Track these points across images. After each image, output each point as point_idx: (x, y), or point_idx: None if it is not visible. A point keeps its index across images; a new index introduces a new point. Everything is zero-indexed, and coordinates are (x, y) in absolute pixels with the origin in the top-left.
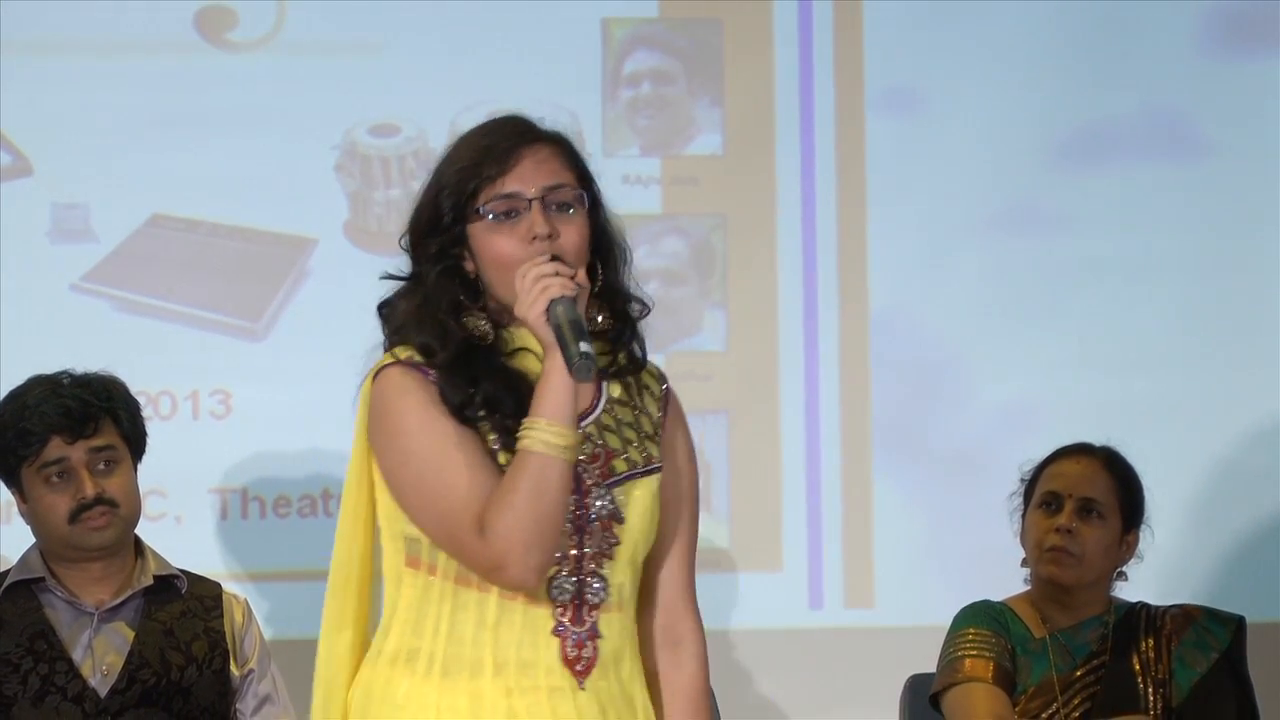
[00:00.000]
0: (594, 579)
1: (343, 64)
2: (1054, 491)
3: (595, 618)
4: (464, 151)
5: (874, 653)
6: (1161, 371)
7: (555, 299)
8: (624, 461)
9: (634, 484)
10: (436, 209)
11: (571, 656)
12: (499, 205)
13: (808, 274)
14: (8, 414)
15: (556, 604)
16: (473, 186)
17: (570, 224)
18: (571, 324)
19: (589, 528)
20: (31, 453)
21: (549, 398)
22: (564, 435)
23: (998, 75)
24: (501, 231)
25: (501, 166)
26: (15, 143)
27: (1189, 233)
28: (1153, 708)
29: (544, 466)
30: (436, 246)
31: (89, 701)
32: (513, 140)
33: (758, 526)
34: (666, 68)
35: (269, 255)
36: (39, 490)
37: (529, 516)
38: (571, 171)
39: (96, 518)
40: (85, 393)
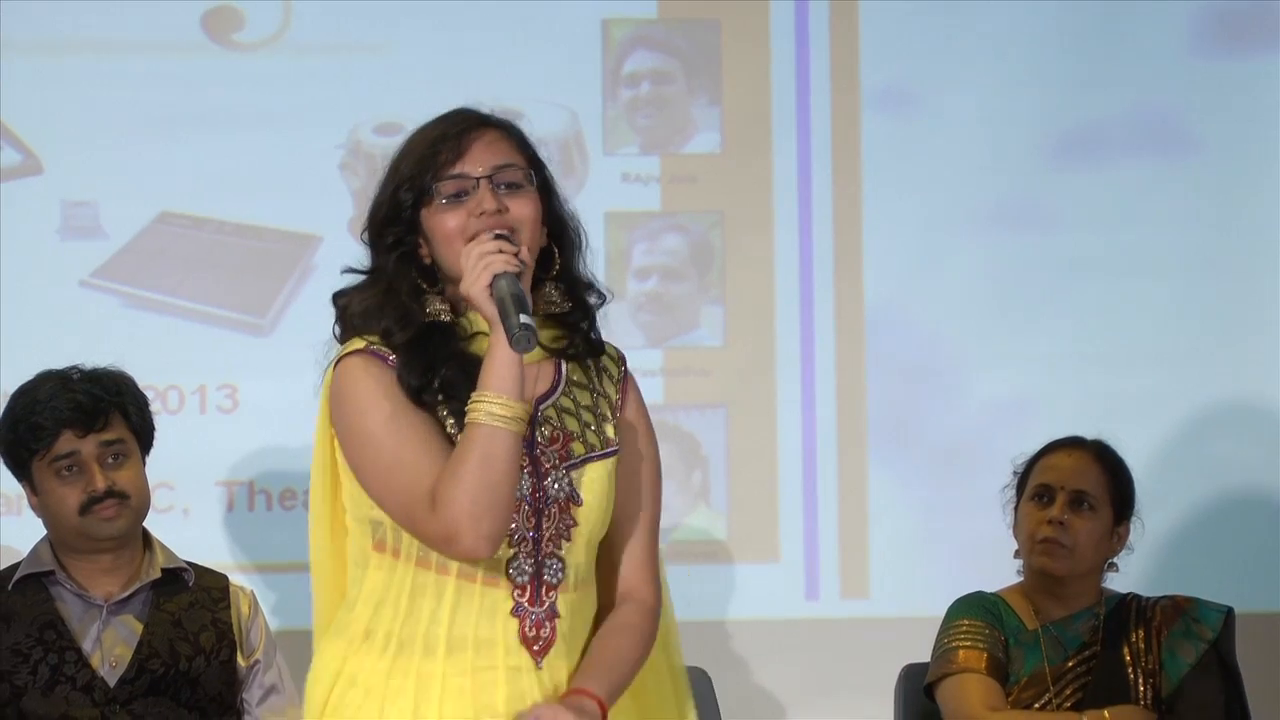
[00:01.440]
0: (552, 559)
1: (347, 64)
2: (1046, 484)
3: (553, 598)
4: (417, 144)
5: (869, 643)
6: (1153, 366)
7: (498, 274)
8: (581, 444)
9: (591, 466)
10: (394, 200)
11: (530, 636)
12: (449, 186)
13: (804, 270)
14: (19, 408)
15: (515, 585)
16: (427, 174)
17: (520, 199)
18: (513, 297)
19: (547, 509)
20: (43, 446)
21: (494, 371)
22: (509, 406)
23: (992, 74)
24: (451, 210)
25: (453, 153)
26: (26, 141)
27: (1181, 229)
28: (1143, 698)
29: (490, 437)
30: (393, 236)
31: (98, 691)
32: (462, 127)
33: (755, 518)
34: (665, 67)
35: (275, 252)
36: (50, 483)
37: (477, 487)
38: (521, 155)
39: (107, 509)
40: (95, 387)
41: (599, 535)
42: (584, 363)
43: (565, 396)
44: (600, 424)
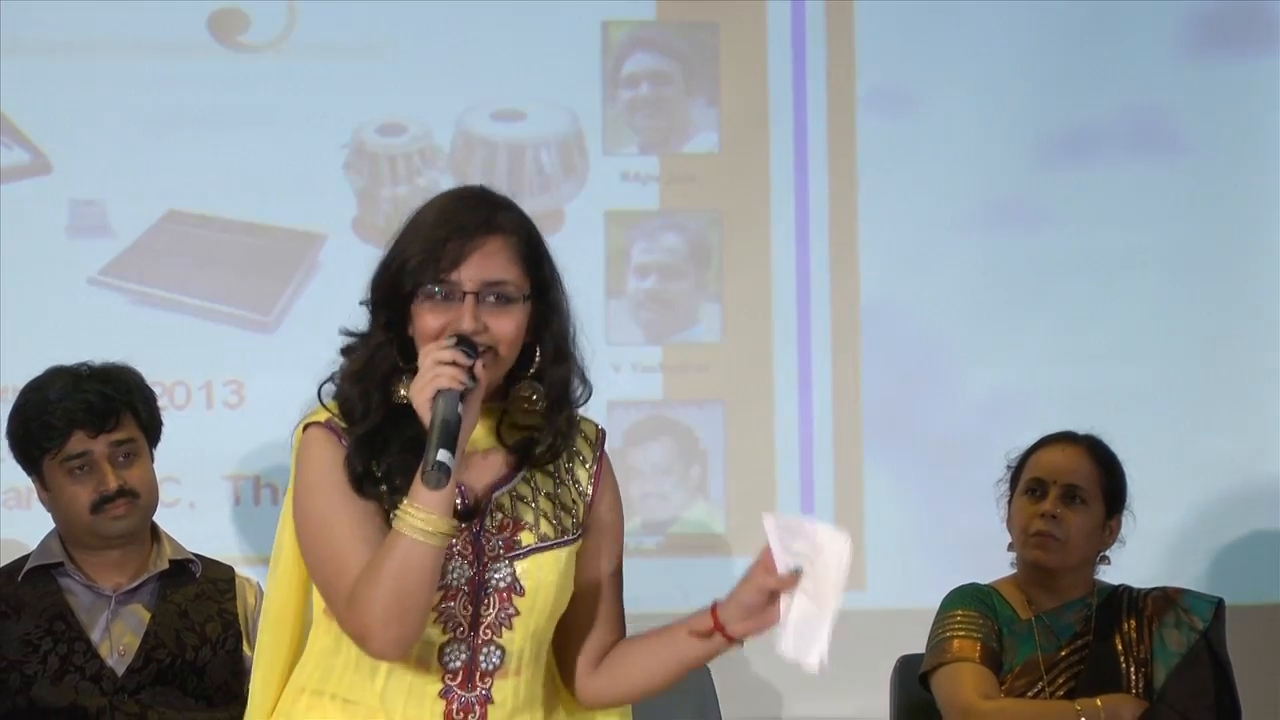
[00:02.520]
0: (490, 646)
1: (351, 66)
2: (1039, 478)
3: (489, 684)
4: (427, 234)
5: (865, 634)
6: (1144, 361)
7: (441, 389)
8: (533, 534)
9: (539, 556)
10: (395, 282)
11: (457, 718)
12: (439, 288)
13: (800, 267)
14: (30, 407)
15: (447, 670)
16: (426, 272)
17: (505, 317)
18: (442, 424)
19: (486, 598)
20: (54, 445)
21: (422, 486)
22: (432, 522)
23: (985, 75)
24: (435, 311)
25: (453, 261)
26: (35, 141)
27: (1170, 227)
28: (1134, 687)
29: (410, 548)
30: (385, 317)
31: (106, 680)
32: (469, 234)
33: (752, 511)
34: (664, 68)
35: (280, 250)
36: (61, 480)
37: (391, 594)
38: (519, 265)
39: (118, 508)
40: (106, 387)
41: (548, 623)
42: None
43: (524, 484)
44: (559, 513)
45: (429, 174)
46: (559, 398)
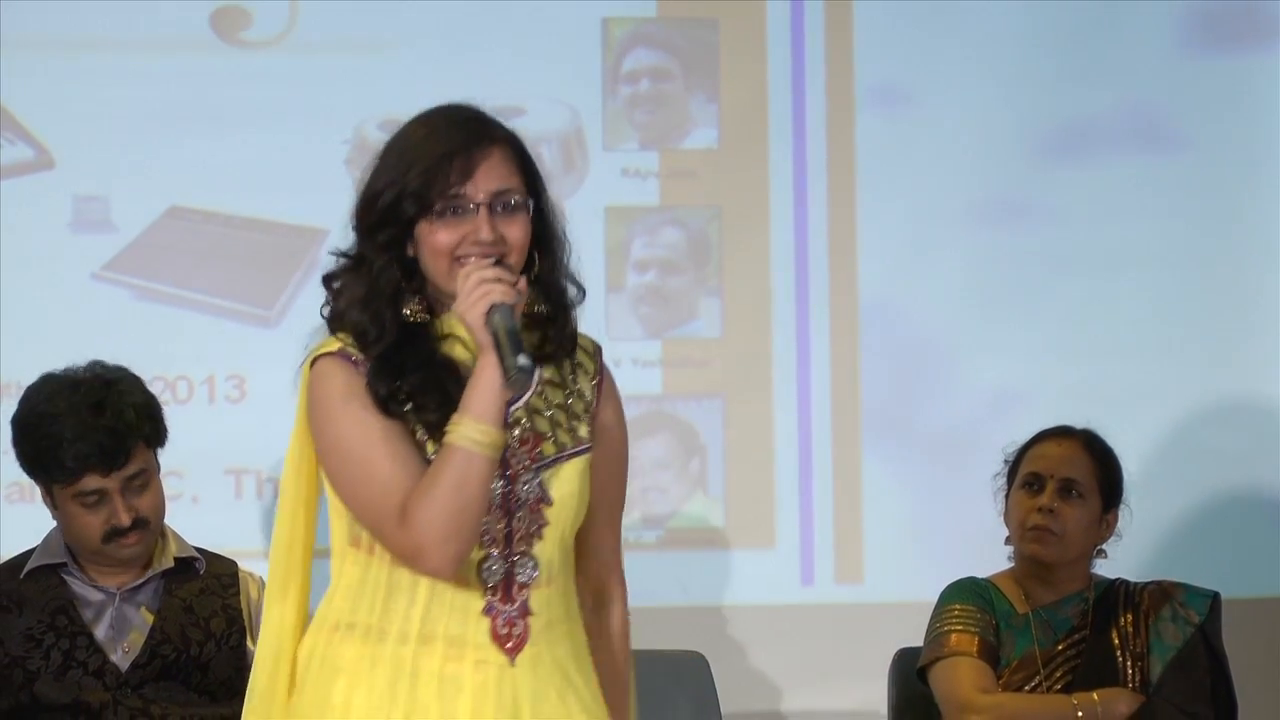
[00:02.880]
0: (524, 558)
1: (352, 62)
2: (1036, 472)
3: (526, 595)
4: (424, 152)
5: (863, 627)
6: (1140, 357)
7: (495, 304)
8: (553, 444)
9: (562, 466)
10: (396, 205)
11: (502, 634)
12: (447, 203)
13: (799, 263)
14: (40, 438)
15: (487, 585)
16: (432, 190)
17: (513, 223)
18: (509, 333)
19: (518, 510)
20: (66, 481)
21: (478, 397)
22: (488, 434)
23: (983, 73)
24: (446, 226)
25: (459, 174)
26: (38, 137)
27: (1166, 224)
28: (1131, 680)
29: (467, 462)
30: (385, 237)
31: (110, 675)
32: (471, 146)
33: (752, 505)
34: (664, 65)
35: (282, 245)
36: (72, 509)
37: (449, 509)
38: (519, 174)
39: (129, 539)
40: (118, 423)
41: (572, 531)
42: (558, 362)
43: (538, 397)
44: (572, 422)
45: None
46: (559, 300)
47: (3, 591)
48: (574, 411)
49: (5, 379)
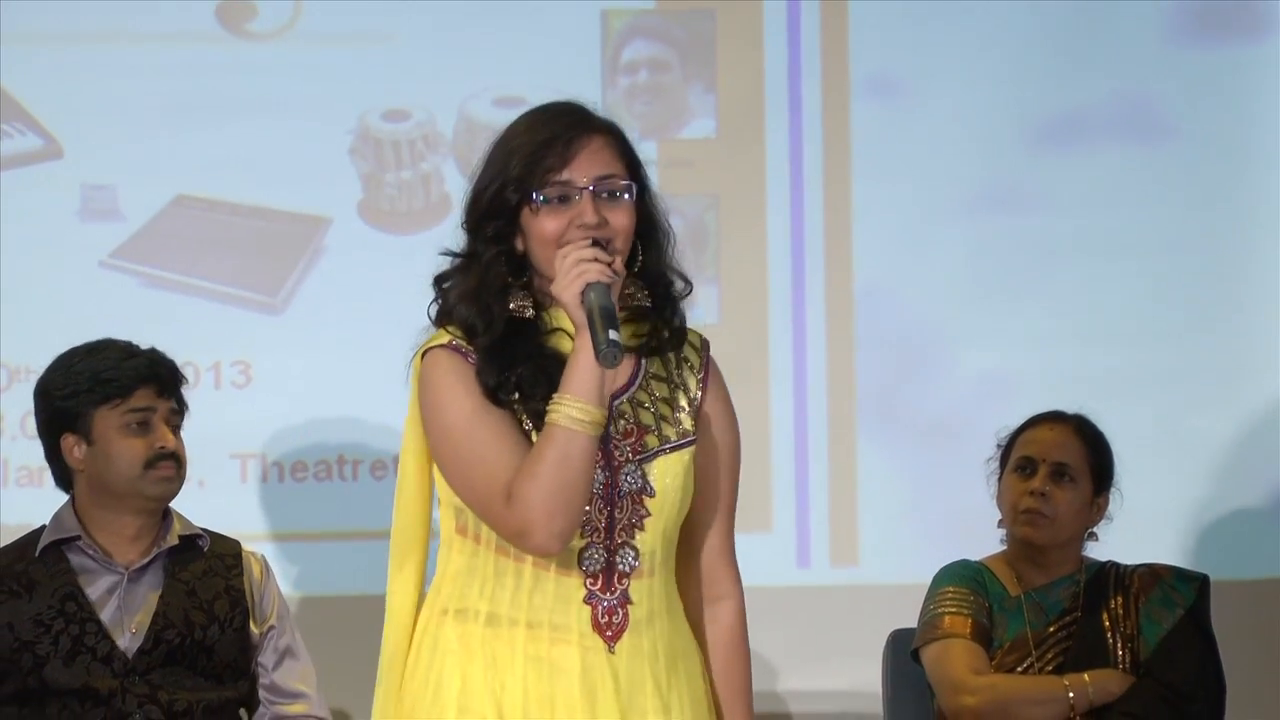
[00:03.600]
0: (626, 549)
1: (356, 53)
2: (1028, 456)
3: (626, 585)
4: (525, 140)
5: (858, 609)
6: (1132, 343)
7: (591, 283)
8: (656, 437)
9: (665, 458)
10: (500, 197)
11: (603, 623)
12: (553, 191)
13: (795, 251)
14: (81, 364)
15: (587, 574)
16: (533, 178)
17: (617, 210)
18: (603, 310)
19: (620, 501)
20: (116, 397)
21: (576, 376)
22: (588, 411)
23: (976, 63)
24: (552, 214)
25: (560, 159)
26: (47, 127)
27: (1157, 211)
28: (1121, 661)
29: (569, 440)
30: (493, 229)
31: (117, 661)
32: (572, 132)
33: (748, 489)
34: (662, 56)
35: (287, 233)
36: (113, 434)
37: (553, 486)
38: (622, 162)
39: (167, 469)
40: (163, 357)
41: (675, 524)
42: (662, 355)
43: (642, 390)
44: (677, 416)
45: (432, 159)
46: (665, 291)
47: (12, 574)
48: (678, 404)
49: (15, 364)
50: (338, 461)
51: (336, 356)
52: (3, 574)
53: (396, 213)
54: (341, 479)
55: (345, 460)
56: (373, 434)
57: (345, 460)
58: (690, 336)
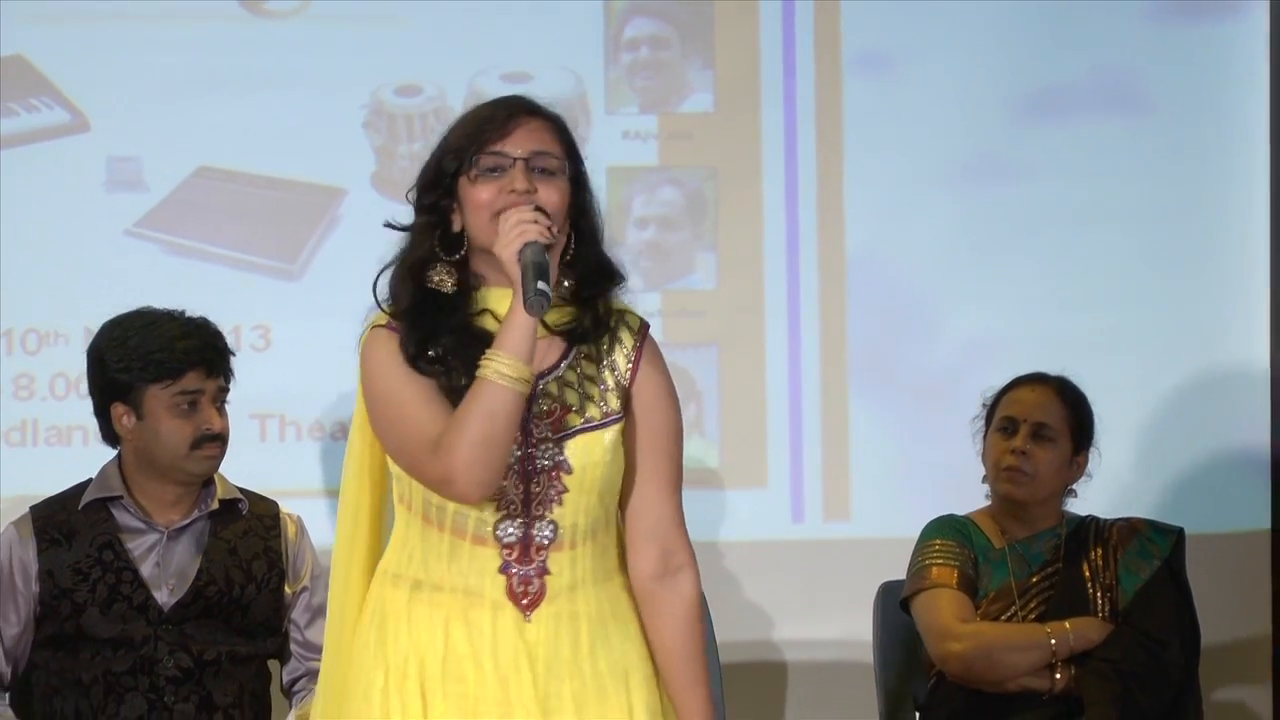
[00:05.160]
0: (542, 522)
1: (370, 31)
2: (1011, 417)
3: (544, 556)
4: (468, 120)
5: (850, 561)
6: (1113, 306)
7: (529, 241)
8: (579, 415)
9: (586, 436)
10: (438, 167)
11: (518, 591)
12: (488, 160)
13: (790, 220)
14: (143, 340)
15: (503, 544)
16: (471, 148)
17: (550, 185)
18: (535, 265)
19: (535, 476)
20: (166, 377)
21: (509, 334)
22: (516, 368)
23: (963, 40)
24: (486, 184)
25: (498, 132)
26: (75, 102)
27: (1137, 181)
28: (1101, 610)
29: (496, 394)
30: (431, 199)
31: (152, 611)
32: (511, 112)
33: (744, 447)
34: (662, 33)
35: (304, 203)
36: (162, 414)
37: (477, 437)
38: (559, 144)
39: (212, 449)
40: (214, 336)
41: (599, 498)
42: (588, 341)
43: (570, 370)
44: (604, 395)
45: (442, 132)
46: (595, 280)
47: (54, 524)
48: (605, 384)
49: (45, 328)
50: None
51: (351, 321)
52: (45, 523)
53: (408, 184)
54: None
55: None
56: None
57: None
58: (629, 319)
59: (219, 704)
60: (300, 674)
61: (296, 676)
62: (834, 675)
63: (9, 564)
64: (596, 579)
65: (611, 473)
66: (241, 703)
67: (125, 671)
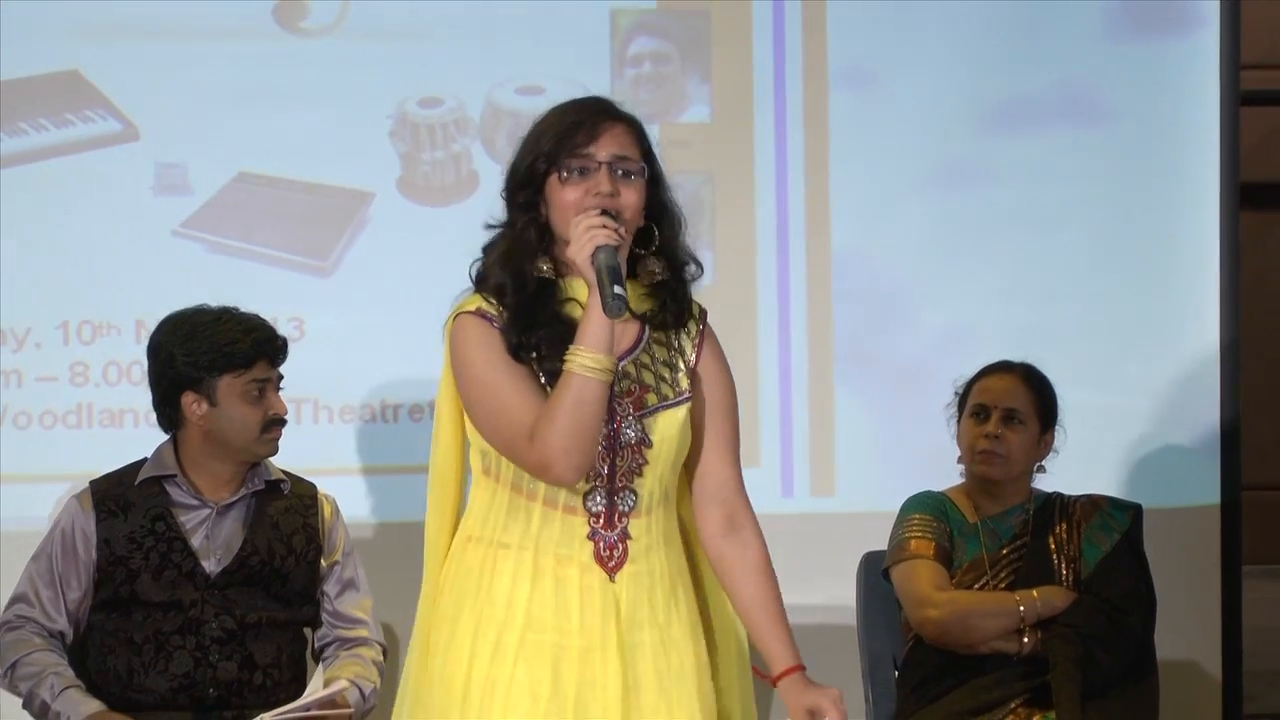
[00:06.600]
0: (626, 492)
1: (395, 48)
2: (982, 404)
3: (625, 523)
4: (556, 124)
5: (835, 534)
6: (1076, 301)
7: (600, 245)
8: (655, 395)
9: (663, 414)
10: (531, 168)
11: (604, 555)
12: (575, 163)
13: (780, 221)
14: (215, 334)
15: (590, 513)
16: (561, 152)
17: (630, 188)
18: (609, 269)
19: (620, 451)
20: (238, 368)
21: (589, 330)
22: (599, 360)
23: (937, 57)
24: (572, 185)
25: (586, 137)
26: (126, 113)
27: (1096, 186)
28: (1065, 580)
29: (583, 385)
30: (524, 198)
31: (199, 578)
32: (597, 118)
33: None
34: (664, 50)
35: (335, 206)
36: (233, 401)
37: (570, 425)
38: (638, 148)
39: (277, 432)
40: (273, 330)
41: (671, 470)
42: (667, 327)
43: (644, 353)
44: (675, 376)
45: (462, 141)
46: (677, 270)
47: (112, 497)
48: (676, 367)
49: (98, 320)
50: (380, 405)
51: (379, 313)
52: (103, 497)
53: (431, 188)
54: (384, 420)
55: (387, 404)
56: (411, 381)
57: (387, 404)
58: (692, 307)
59: (259, 663)
60: (329, 640)
61: (326, 642)
62: (820, 637)
63: (72, 533)
64: (666, 541)
65: (683, 445)
66: (279, 663)
67: (174, 631)
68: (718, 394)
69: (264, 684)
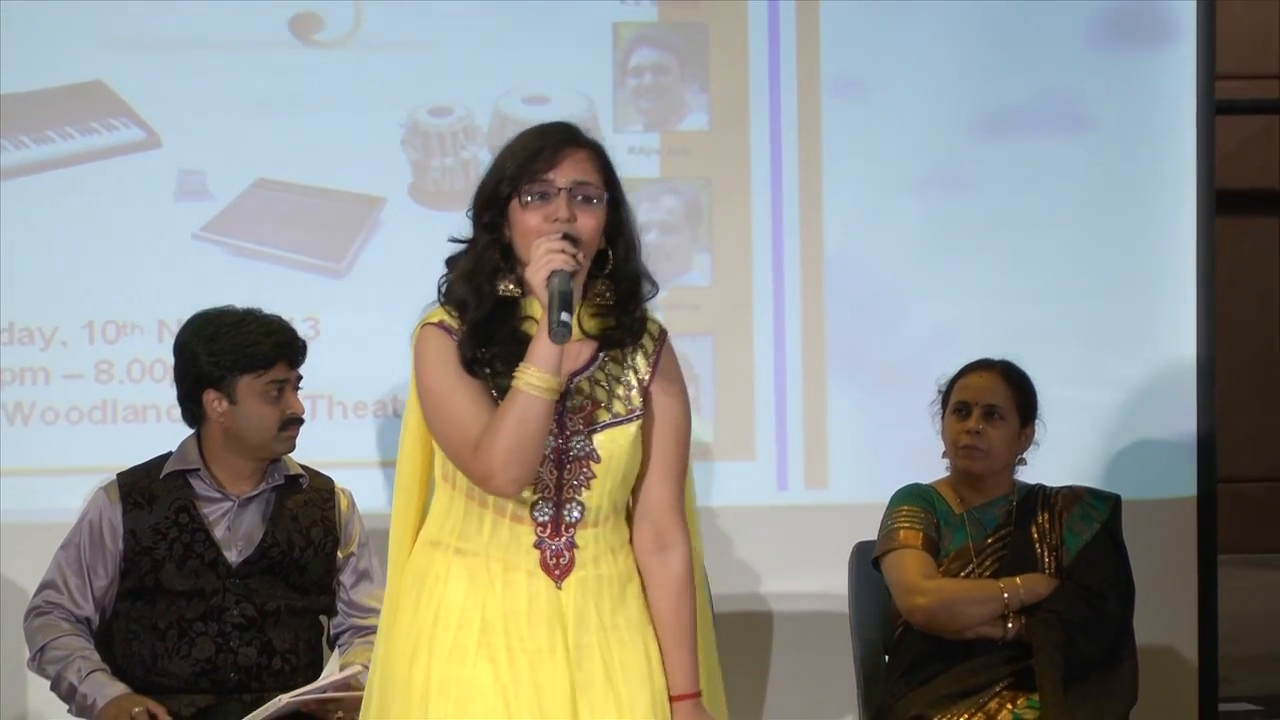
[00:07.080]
0: (572, 504)
1: (407, 59)
2: (964, 401)
3: (572, 533)
4: (521, 148)
5: (828, 524)
6: (1059, 300)
7: (555, 270)
8: (606, 412)
9: (612, 430)
10: (495, 189)
11: (550, 564)
12: (536, 188)
13: (776, 224)
14: (237, 336)
15: (537, 523)
16: (523, 176)
17: (589, 214)
18: (560, 294)
19: (568, 464)
20: (258, 368)
21: (537, 350)
22: (545, 380)
23: (927, 66)
24: (533, 210)
25: (548, 163)
26: (148, 121)
27: (1079, 190)
28: (1047, 568)
29: (528, 403)
30: (488, 218)
31: (221, 567)
32: (560, 143)
33: (736, 424)
34: (664, 61)
35: (349, 211)
36: (252, 400)
37: (512, 439)
38: (600, 175)
39: (294, 431)
40: (292, 331)
41: (621, 484)
42: (621, 346)
43: (599, 370)
44: (628, 394)
45: (471, 148)
46: (630, 292)
47: (138, 489)
48: (629, 384)
49: (123, 320)
50: (391, 400)
51: (390, 313)
52: (130, 489)
53: (441, 194)
54: (394, 416)
55: (399, 400)
56: None
57: (399, 400)
58: (650, 327)
59: (278, 649)
60: (344, 628)
61: (341, 630)
62: (814, 624)
63: (99, 524)
64: (614, 549)
65: (632, 461)
66: (297, 649)
67: (196, 618)
68: (668, 414)
69: (282, 669)
